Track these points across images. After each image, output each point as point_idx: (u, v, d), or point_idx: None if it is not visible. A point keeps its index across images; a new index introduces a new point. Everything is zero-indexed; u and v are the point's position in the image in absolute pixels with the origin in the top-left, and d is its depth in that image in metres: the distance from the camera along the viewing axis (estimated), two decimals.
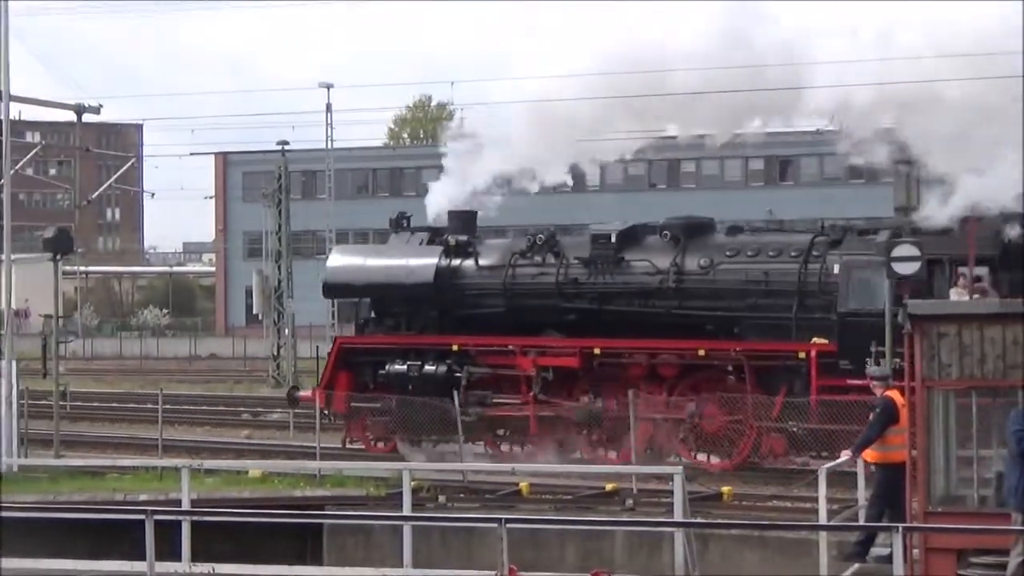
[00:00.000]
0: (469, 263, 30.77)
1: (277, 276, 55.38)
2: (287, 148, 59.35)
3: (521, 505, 25.01)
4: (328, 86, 69.93)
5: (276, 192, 56.62)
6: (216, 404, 45.37)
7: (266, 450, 32.90)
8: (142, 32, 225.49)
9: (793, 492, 25.02)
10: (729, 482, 26.22)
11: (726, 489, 25.42)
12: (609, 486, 25.77)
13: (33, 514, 22.46)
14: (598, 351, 29.12)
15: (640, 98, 27.82)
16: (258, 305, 56.39)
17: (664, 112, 28.63)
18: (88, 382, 55.75)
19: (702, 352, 28.18)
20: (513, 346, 29.68)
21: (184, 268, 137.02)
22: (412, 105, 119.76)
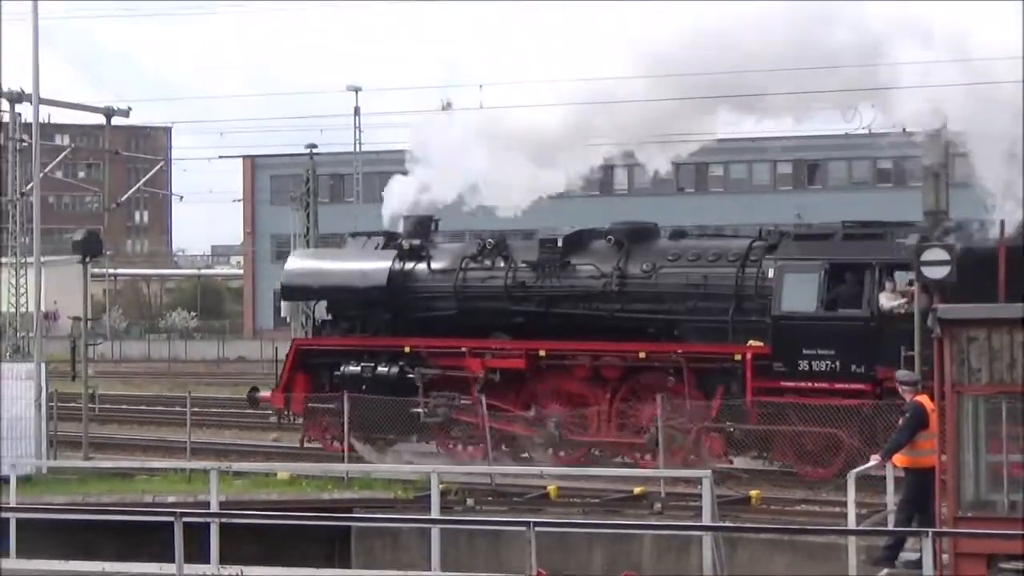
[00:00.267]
0: (422, 266, 31.06)
1: None
2: (315, 151, 59.47)
3: (549, 508, 25.00)
4: (356, 89, 70.08)
5: (304, 195, 56.75)
6: (244, 407, 45.38)
7: (294, 453, 32.93)
8: (171, 35, 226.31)
9: (822, 496, 25.01)
10: (758, 486, 26.18)
11: (754, 493, 25.38)
12: (637, 489, 25.78)
13: (62, 515, 22.58)
14: (543, 353, 29.36)
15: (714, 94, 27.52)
16: (286, 308, 56.45)
17: (741, 104, 28.40)
18: (116, 384, 55.88)
19: (643, 354, 28.38)
20: (464, 348, 29.84)
21: (212, 271, 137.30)
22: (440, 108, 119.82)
